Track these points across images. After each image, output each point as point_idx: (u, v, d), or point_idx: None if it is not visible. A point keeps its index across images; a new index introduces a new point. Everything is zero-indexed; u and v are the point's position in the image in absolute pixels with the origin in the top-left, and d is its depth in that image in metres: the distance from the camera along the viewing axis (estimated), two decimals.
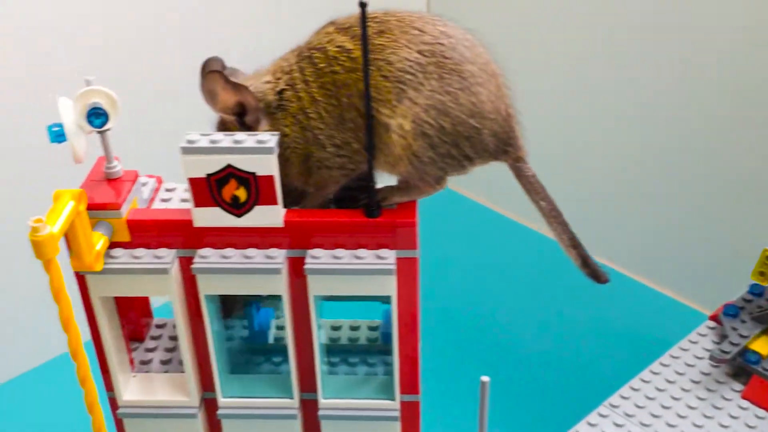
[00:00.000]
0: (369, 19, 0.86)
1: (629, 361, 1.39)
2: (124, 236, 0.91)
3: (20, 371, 1.76)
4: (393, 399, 0.98)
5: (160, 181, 1.01)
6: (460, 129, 0.86)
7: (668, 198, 1.84)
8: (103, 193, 0.90)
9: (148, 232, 0.91)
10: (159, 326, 1.10)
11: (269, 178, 0.87)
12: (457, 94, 0.86)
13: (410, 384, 0.98)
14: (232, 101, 0.89)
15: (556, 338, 1.76)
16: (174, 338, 1.07)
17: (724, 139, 1.70)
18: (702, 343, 1.24)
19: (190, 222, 0.90)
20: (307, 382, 0.99)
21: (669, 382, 1.17)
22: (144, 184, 0.98)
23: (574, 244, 0.93)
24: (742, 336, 1.18)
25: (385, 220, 0.89)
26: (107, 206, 0.89)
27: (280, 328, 1.09)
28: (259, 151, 0.85)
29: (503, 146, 0.89)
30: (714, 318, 1.27)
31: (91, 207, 0.88)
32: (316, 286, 0.90)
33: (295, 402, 0.98)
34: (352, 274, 0.89)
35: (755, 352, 1.16)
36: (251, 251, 0.90)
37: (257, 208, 0.88)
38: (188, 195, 0.97)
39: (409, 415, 1.00)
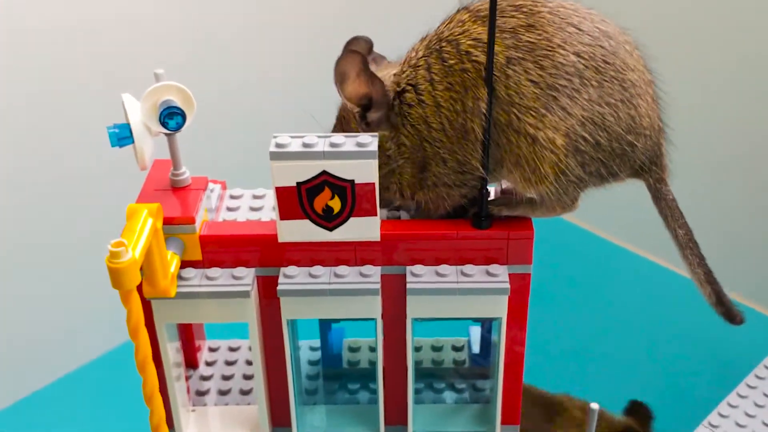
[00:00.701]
0: (516, 7, 0.75)
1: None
2: (196, 254, 0.79)
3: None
4: (493, 430, 0.88)
5: (224, 186, 0.89)
6: (615, 146, 0.75)
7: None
8: (173, 205, 0.78)
9: (224, 249, 0.79)
10: (213, 350, 0.99)
11: (369, 186, 0.75)
12: (618, 105, 0.74)
13: (512, 413, 0.88)
14: (362, 92, 0.77)
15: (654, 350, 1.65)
16: (231, 363, 0.96)
17: None
18: None
19: (272, 237, 0.78)
20: (393, 413, 0.88)
21: None
22: (211, 191, 0.85)
23: (710, 280, 0.83)
24: None
25: (498, 231, 0.78)
26: (179, 220, 0.77)
27: (354, 350, 0.98)
28: (359, 156, 0.74)
29: (650, 164, 0.79)
30: None
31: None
32: (416, 308, 0.79)
33: None
34: (460, 294, 0.78)
35: None
36: (342, 269, 0.79)
37: (352, 220, 0.77)
38: (260, 203, 0.86)
39: None
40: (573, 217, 1.93)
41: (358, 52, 0.75)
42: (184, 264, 0.79)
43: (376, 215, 0.77)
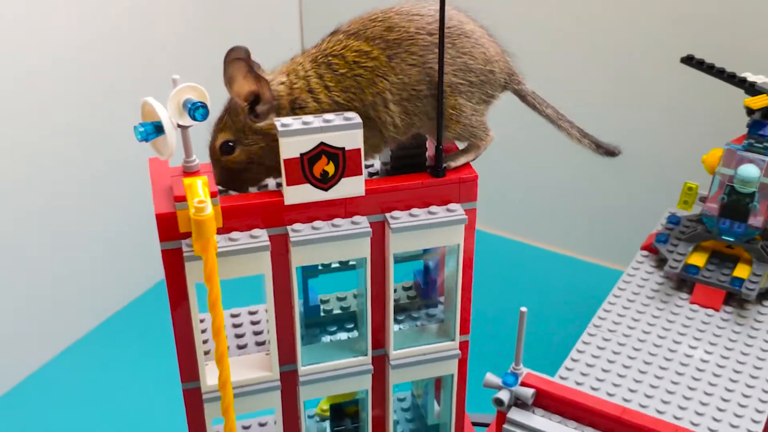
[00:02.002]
0: (372, 20, 1.01)
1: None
2: (218, 222, 0.97)
3: None
4: (453, 340, 1.11)
5: None
6: (482, 77, 1.03)
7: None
8: None
9: (240, 216, 0.97)
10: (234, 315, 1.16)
11: (356, 152, 0.97)
12: (471, 50, 1.02)
13: (465, 325, 1.11)
14: (248, 90, 0.97)
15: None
16: (237, 326, 1.13)
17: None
18: (641, 270, 1.46)
19: (277, 202, 0.98)
20: (376, 340, 1.09)
21: (630, 301, 1.38)
22: None
23: (585, 135, 1.13)
24: (680, 254, 1.42)
25: (451, 178, 1.02)
26: None
27: (324, 302, 1.18)
28: (348, 128, 0.95)
29: (508, 78, 1.07)
30: (646, 248, 1.50)
31: (182, 199, 0.94)
32: (397, 244, 1.01)
33: (368, 359, 1.08)
34: (430, 227, 1.01)
35: (694, 265, 1.40)
36: (337, 221, 1.00)
37: (343, 181, 0.98)
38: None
39: (463, 352, 1.13)
40: None
41: (242, 59, 0.96)
42: None
43: (361, 174, 0.98)
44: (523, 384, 1.17)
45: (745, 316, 1.35)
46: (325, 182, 0.98)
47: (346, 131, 0.95)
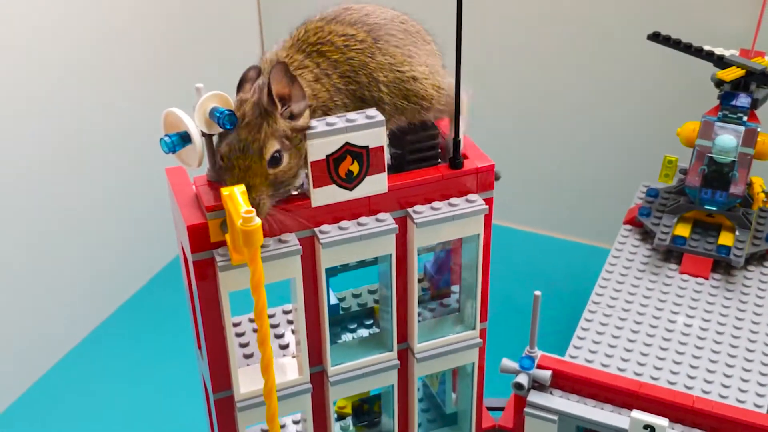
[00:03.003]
0: (346, 9, 1.03)
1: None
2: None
3: None
4: (474, 329, 1.12)
5: None
6: (438, 54, 1.07)
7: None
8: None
9: (270, 221, 0.97)
10: (235, 324, 1.15)
11: (379, 149, 0.97)
12: (425, 37, 1.06)
13: (483, 313, 1.13)
14: (284, 92, 0.93)
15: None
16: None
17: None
18: (628, 245, 1.50)
19: (304, 205, 0.97)
20: (400, 334, 1.09)
21: (622, 275, 1.42)
22: None
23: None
24: (666, 226, 1.46)
25: (470, 168, 1.03)
26: None
27: (341, 300, 1.18)
28: (372, 126, 0.96)
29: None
30: (629, 222, 1.54)
31: (217, 207, 0.93)
32: (421, 238, 1.02)
33: (394, 354, 1.09)
34: (453, 220, 1.02)
35: (680, 236, 1.45)
36: (363, 219, 1.00)
37: (367, 179, 0.98)
38: None
39: (482, 339, 1.15)
40: None
41: (282, 62, 0.93)
42: None
43: (384, 172, 0.99)
44: (539, 366, 1.19)
45: (733, 282, 1.40)
46: (350, 182, 0.98)
47: (369, 130, 0.96)
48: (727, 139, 1.43)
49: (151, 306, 1.96)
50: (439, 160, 1.06)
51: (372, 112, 0.97)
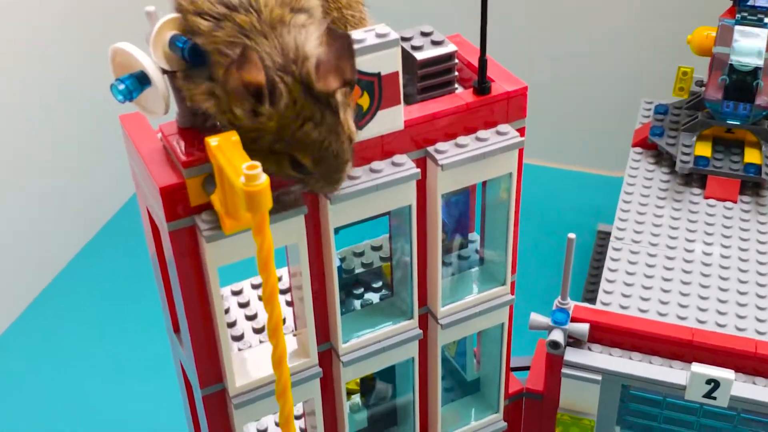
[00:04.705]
0: None
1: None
2: None
3: None
4: (504, 283, 0.95)
5: None
6: None
7: None
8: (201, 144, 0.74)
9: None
10: None
11: (394, 76, 0.77)
12: None
13: (514, 264, 0.95)
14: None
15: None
16: (244, 305, 0.93)
17: None
18: (641, 169, 1.34)
19: None
20: (419, 297, 0.91)
21: (642, 206, 1.26)
22: None
23: None
24: (686, 146, 1.30)
25: (500, 93, 0.84)
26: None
27: (341, 259, 0.99)
28: (383, 47, 0.76)
29: None
30: (640, 144, 1.38)
31: (197, 162, 0.72)
32: (446, 182, 0.83)
33: (414, 322, 0.91)
34: (484, 158, 0.83)
35: (703, 157, 1.29)
36: (376, 164, 0.80)
37: (379, 114, 0.79)
38: None
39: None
40: None
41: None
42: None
43: (400, 104, 0.79)
44: (573, 320, 1.03)
45: (764, 204, 1.26)
46: (359, 119, 0.78)
47: (381, 52, 0.76)
48: (750, 43, 1.27)
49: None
50: (457, 87, 0.87)
51: (383, 28, 0.76)
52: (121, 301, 1.64)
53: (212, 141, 0.65)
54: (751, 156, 1.29)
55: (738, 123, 1.29)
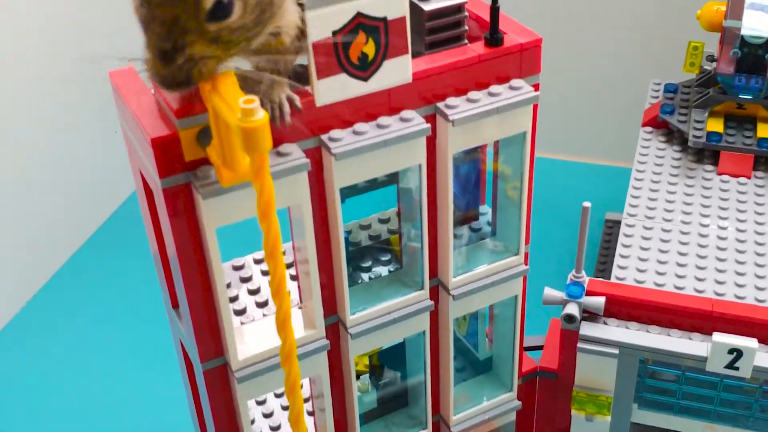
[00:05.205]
0: None
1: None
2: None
3: None
4: (518, 254, 0.90)
5: None
6: None
7: None
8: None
9: None
10: None
11: (401, 21, 0.73)
12: None
13: (528, 233, 0.91)
14: None
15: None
16: (246, 280, 0.88)
17: None
18: (652, 147, 1.30)
19: (305, 103, 0.73)
20: (430, 269, 0.87)
21: (655, 182, 1.22)
22: None
23: None
24: (698, 121, 1.26)
25: (513, 45, 0.80)
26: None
27: (348, 232, 0.95)
28: None
29: None
30: (650, 123, 1.34)
31: (190, 112, 0.68)
32: (458, 140, 0.79)
33: (426, 293, 0.86)
34: (497, 113, 0.79)
35: (715, 132, 1.25)
36: (384, 119, 0.76)
37: (386, 64, 0.74)
38: None
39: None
40: None
41: None
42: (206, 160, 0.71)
43: (407, 53, 0.75)
44: (588, 293, 0.98)
45: None
46: (364, 69, 0.73)
47: None
48: (761, 15, 1.23)
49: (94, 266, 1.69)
50: (466, 41, 0.82)
51: None
52: (119, 298, 1.60)
53: (207, 84, 0.61)
54: (764, 131, 1.25)
55: (750, 97, 1.25)
